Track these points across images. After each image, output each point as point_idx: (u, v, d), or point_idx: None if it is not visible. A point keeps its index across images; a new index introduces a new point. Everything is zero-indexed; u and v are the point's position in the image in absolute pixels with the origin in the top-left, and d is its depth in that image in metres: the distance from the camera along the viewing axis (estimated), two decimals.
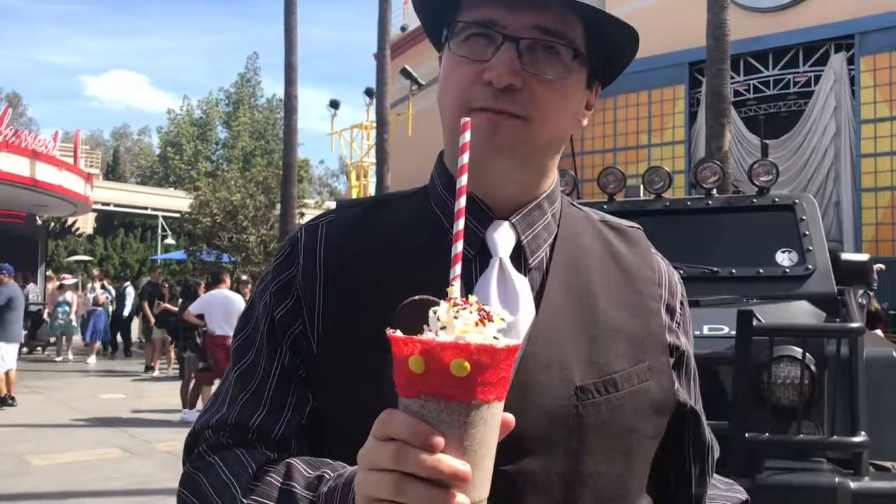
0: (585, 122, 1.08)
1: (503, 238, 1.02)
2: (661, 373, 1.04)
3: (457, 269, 0.75)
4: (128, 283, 19.75)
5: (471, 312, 0.70)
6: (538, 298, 1.00)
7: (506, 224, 1.03)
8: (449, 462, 0.68)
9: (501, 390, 0.71)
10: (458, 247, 0.75)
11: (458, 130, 0.98)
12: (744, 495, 1.17)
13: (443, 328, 0.69)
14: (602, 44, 1.03)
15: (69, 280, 18.31)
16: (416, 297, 0.75)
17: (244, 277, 12.33)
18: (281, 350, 1.01)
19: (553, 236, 1.06)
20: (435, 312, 0.70)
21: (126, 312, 18.34)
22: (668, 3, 16.95)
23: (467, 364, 0.67)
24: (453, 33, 1.01)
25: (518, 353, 0.95)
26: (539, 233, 1.05)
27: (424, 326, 0.71)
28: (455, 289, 0.73)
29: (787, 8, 16.77)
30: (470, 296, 0.72)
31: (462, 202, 0.77)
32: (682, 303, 1.14)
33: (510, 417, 0.75)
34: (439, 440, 0.68)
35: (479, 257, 1.02)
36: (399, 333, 0.70)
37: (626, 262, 1.09)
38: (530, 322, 0.98)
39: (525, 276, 1.01)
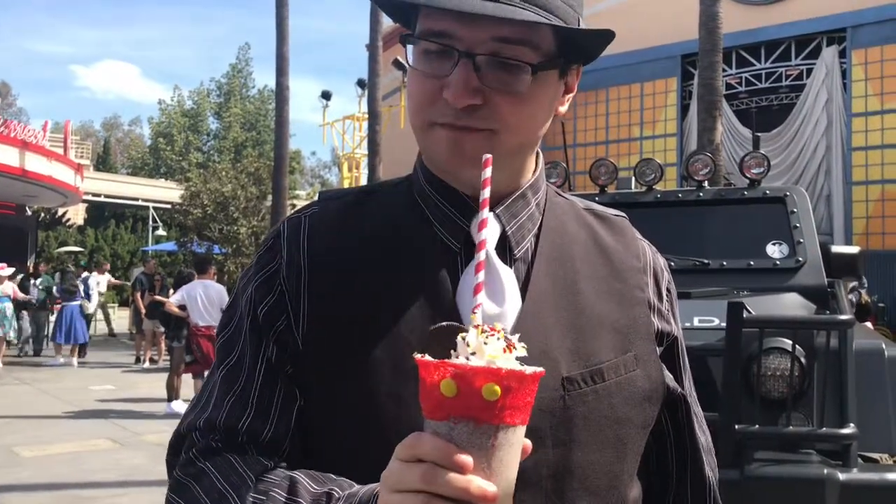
0: (564, 108, 1.05)
1: (488, 229, 1.01)
2: (649, 362, 1.03)
3: (478, 298, 0.77)
4: (87, 273, 17.37)
5: (498, 339, 0.73)
6: (524, 289, 0.99)
7: (490, 215, 1.01)
8: (478, 483, 0.70)
9: (525, 415, 0.74)
10: (480, 277, 0.77)
11: (421, 140, 0.99)
12: None
13: (472, 353, 0.72)
14: (573, 37, 0.97)
15: (5, 270, 15.10)
16: (444, 324, 0.78)
17: (232, 268, 12.19)
18: (265, 346, 0.99)
19: (538, 226, 1.05)
20: (464, 339, 0.73)
21: (90, 307, 16.65)
22: None
23: (498, 388, 0.70)
24: (409, 42, 0.96)
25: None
26: (523, 223, 1.03)
27: (451, 351, 0.73)
28: (478, 317, 0.75)
29: (779, 1, 16.78)
30: (496, 324, 0.74)
31: (482, 250, 0.80)
32: (668, 289, 1.13)
33: (528, 443, 0.77)
34: (469, 461, 0.70)
35: (464, 249, 1.00)
36: (428, 357, 0.72)
37: (612, 251, 1.08)
38: (517, 313, 0.97)
39: (510, 266, 1.00)
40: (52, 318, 15.68)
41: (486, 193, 0.81)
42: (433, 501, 0.70)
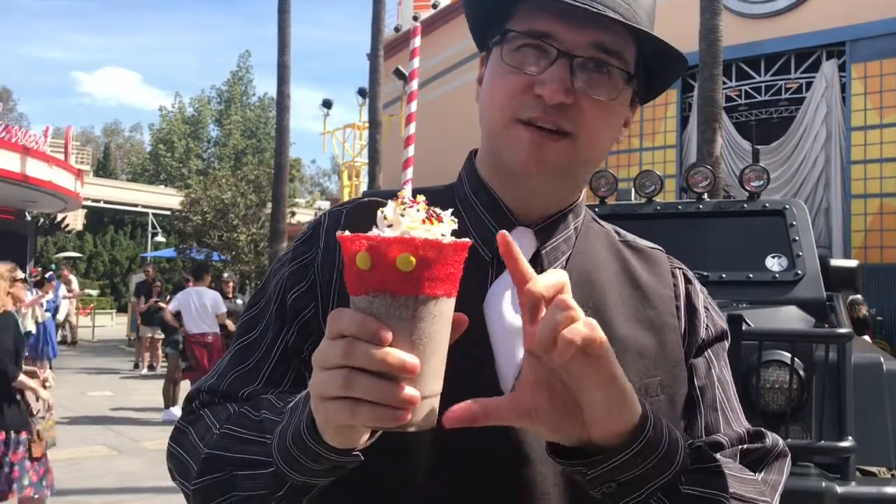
0: (622, 138, 1.07)
1: (523, 245, 1.01)
2: (675, 388, 1.03)
3: (407, 173, 0.77)
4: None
5: (418, 211, 0.71)
6: None
7: (528, 231, 1.03)
8: (397, 354, 0.68)
9: (450, 287, 0.72)
10: (409, 152, 0.78)
11: (498, 137, 0.99)
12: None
13: (389, 226, 0.71)
14: (649, 66, 1.02)
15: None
16: (365, 199, 0.76)
17: (225, 275, 12.11)
18: (287, 330, 1.01)
19: (572, 249, 1.06)
20: (382, 212, 0.71)
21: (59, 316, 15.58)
22: (660, 8, 16.84)
23: (413, 258, 0.68)
24: (505, 41, 0.98)
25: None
26: (559, 244, 1.04)
27: (373, 226, 0.72)
28: (406, 191, 0.74)
29: (779, 14, 16.84)
30: (419, 196, 0.73)
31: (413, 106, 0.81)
32: (706, 307, 1.12)
33: (463, 316, 0.76)
34: (387, 333, 0.68)
35: (496, 261, 1.01)
36: (348, 233, 0.71)
37: (643, 281, 1.08)
38: None
39: None
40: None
41: (416, 63, 0.83)
42: (354, 375, 0.69)
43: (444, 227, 0.72)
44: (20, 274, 5.38)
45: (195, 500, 0.93)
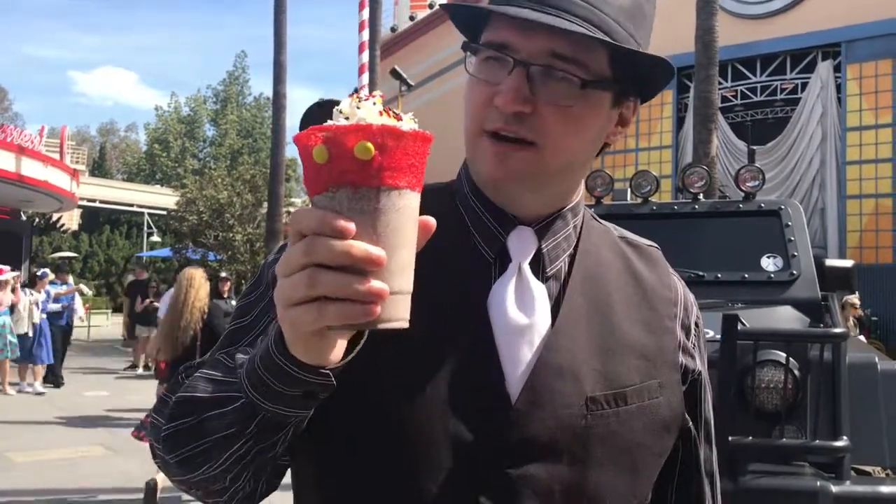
0: (618, 138, 1.06)
1: (524, 244, 1.02)
2: (672, 390, 1.04)
3: (363, 79, 0.74)
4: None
5: (374, 104, 0.69)
6: (555, 307, 1.00)
7: (528, 230, 1.03)
8: (361, 246, 0.66)
9: (413, 180, 0.70)
10: (364, 58, 0.76)
11: (470, 148, 1.00)
12: None
13: (346, 119, 0.68)
14: (630, 64, 0.99)
15: (6, 273, 11.81)
16: (319, 100, 0.74)
17: (223, 274, 12.10)
18: None
19: (573, 247, 1.06)
20: (338, 108, 0.69)
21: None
22: (656, 8, 16.94)
23: (370, 145, 0.66)
24: (472, 54, 1.00)
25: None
26: (560, 243, 1.04)
27: (329, 122, 0.69)
28: (363, 92, 0.72)
29: (775, 15, 16.87)
30: (375, 91, 0.71)
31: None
32: (696, 324, 1.14)
33: (430, 220, 0.75)
34: (349, 225, 0.67)
35: (498, 260, 1.01)
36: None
37: (644, 279, 1.09)
38: (546, 329, 0.98)
39: (543, 283, 1.01)
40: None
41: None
42: (317, 272, 0.67)
43: (402, 125, 0.69)
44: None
45: (165, 447, 0.90)
